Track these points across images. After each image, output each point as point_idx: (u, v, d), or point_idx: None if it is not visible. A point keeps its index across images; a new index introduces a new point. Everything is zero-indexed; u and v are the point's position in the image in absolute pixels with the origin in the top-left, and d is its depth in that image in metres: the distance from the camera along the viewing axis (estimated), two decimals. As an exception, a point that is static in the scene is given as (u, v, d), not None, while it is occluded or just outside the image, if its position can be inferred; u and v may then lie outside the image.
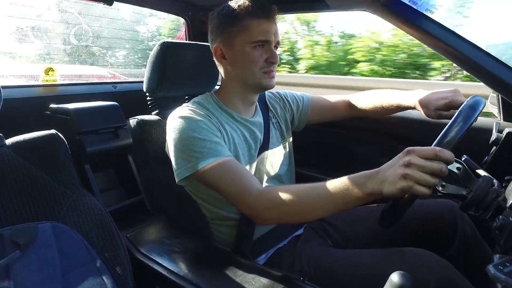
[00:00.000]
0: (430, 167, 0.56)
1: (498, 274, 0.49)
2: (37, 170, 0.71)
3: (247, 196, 0.76)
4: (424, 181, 0.56)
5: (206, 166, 0.79)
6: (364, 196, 0.63)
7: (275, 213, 0.74)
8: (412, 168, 0.57)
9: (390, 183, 0.59)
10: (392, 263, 0.74)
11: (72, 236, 0.67)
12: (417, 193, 0.57)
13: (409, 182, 0.56)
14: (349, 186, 0.64)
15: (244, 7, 0.87)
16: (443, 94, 0.90)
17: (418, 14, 0.88)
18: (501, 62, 0.81)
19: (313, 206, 0.70)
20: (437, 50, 0.91)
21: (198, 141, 0.81)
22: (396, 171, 0.58)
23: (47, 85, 1.24)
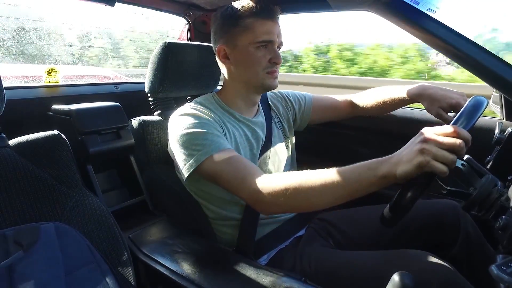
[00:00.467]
0: (448, 142, 0.54)
1: (501, 275, 0.49)
2: (40, 171, 0.71)
3: (251, 183, 0.72)
4: (442, 157, 0.53)
5: (209, 158, 0.78)
6: (377, 180, 0.60)
7: (282, 199, 0.68)
8: (430, 143, 0.55)
9: (405, 162, 0.56)
10: (394, 265, 0.73)
11: (74, 236, 0.67)
12: (434, 170, 0.54)
13: (426, 157, 0.54)
14: (361, 170, 0.62)
15: (248, 8, 0.87)
16: (451, 94, 0.90)
17: (420, 14, 0.88)
18: (504, 61, 0.81)
19: (322, 191, 0.65)
20: (439, 50, 0.91)
21: (200, 134, 0.81)
22: (412, 149, 0.56)
23: (50, 86, 1.24)
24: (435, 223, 0.91)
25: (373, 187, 0.61)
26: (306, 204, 0.69)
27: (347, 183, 0.63)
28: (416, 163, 0.55)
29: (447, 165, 0.54)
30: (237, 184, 0.75)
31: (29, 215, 0.67)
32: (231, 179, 0.76)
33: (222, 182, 0.78)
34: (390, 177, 0.58)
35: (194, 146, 0.80)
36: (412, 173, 0.55)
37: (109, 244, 0.73)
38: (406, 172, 0.56)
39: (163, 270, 0.76)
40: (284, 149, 1.05)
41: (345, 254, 0.86)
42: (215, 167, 0.78)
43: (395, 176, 0.57)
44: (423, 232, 0.91)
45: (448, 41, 0.86)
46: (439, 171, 0.53)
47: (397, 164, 0.57)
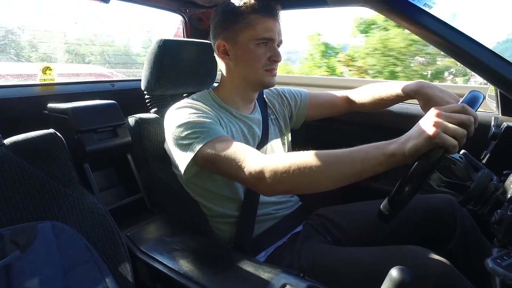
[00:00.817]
0: (459, 117, 0.55)
1: (497, 268, 0.49)
2: (36, 170, 0.71)
3: (252, 161, 0.70)
4: (453, 130, 0.54)
5: (207, 143, 0.77)
6: (385, 159, 0.58)
7: (285, 177, 0.65)
8: (440, 117, 0.55)
9: (415, 137, 0.56)
10: (391, 261, 0.73)
11: (72, 235, 0.67)
12: (445, 142, 0.53)
13: (437, 128, 0.54)
14: (369, 149, 0.60)
15: (249, 5, 0.87)
16: (448, 97, 0.89)
17: (416, 9, 0.88)
18: (500, 56, 0.81)
19: (327, 169, 0.62)
20: (435, 45, 0.91)
21: (197, 123, 0.81)
22: (421, 125, 0.56)
23: (45, 84, 1.23)
24: (432, 218, 0.91)
25: (380, 167, 0.60)
26: (311, 183, 0.66)
27: (354, 161, 0.61)
28: (427, 135, 0.54)
29: (457, 139, 0.54)
30: (238, 165, 0.72)
31: (26, 214, 0.67)
32: (232, 160, 0.73)
33: (222, 165, 0.75)
34: (399, 154, 0.57)
35: (192, 134, 0.80)
36: (422, 147, 0.55)
37: (107, 243, 0.73)
38: (416, 146, 0.55)
39: (162, 267, 0.76)
40: (280, 146, 1.05)
41: (343, 250, 0.87)
42: (215, 151, 0.76)
43: (403, 153, 0.57)
44: (420, 227, 0.92)
45: (444, 36, 0.86)
46: (449, 144, 0.53)
47: (406, 141, 0.57)
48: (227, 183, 0.89)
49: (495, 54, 0.81)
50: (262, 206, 0.93)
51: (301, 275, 0.69)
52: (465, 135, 0.54)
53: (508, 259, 0.51)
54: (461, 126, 0.54)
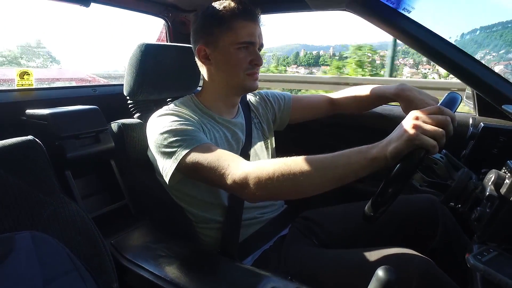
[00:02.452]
0: (436, 118, 0.56)
1: (477, 264, 0.51)
2: (14, 178, 0.69)
3: (235, 169, 0.70)
4: (432, 130, 0.55)
5: (190, 152, 0.76)
6: (367, 163, 0.59)
7: (269, 183, 0.65)
8: (419, 120, 0.57)
9: (395, 140, 0.57)
10: (377, 261, 0.75)
11: (53, 245, 0.65)
12: (424, 143, 0.55)
13: (416, 131, 0.55)
14: (351, 154, 0.62)
15: (229, 9, 0.87)
16: (428, 99, 0.92)
17: (395, 13, 0.90)
18: (476, 59, 0.84)
19: (311, 175, 0.63)
20: (414, 48, 0.93)
21: (179, 131, 0.80)
22: (401, 128, 0.58)
23: (23, 90, 1.19)
24: (415, 218, 0.93)
25: (363, 171, 0.61)
26: (295, 189, 0.67)
27: (336, 166, 0.62)
28: (406, 138, 0.56)
29: (436, 139, 0.55)
30: (221, 172, 0.72)
31: (3, 225, 0.64)
32: (214, 168, 0.73)
33: (206, 173, 0.74)
34: (381, 158, 0.58)
35: (174, 142, 0.79)
36: (403, 149, 0.56)
37: (91, 252, 0.71)
38: (397, 148, 0.56)
39: (147, 275, 0.75)
40: (264, 150, 1.05)
41: (329, 252, 0.88)
42: (198, 159, 0.75)
43: (385, 156, 0.58)
44: (404, 227, 0.94)
45: (422, 40, 0.88)
46: (429, 144, 0.55)
47: (387, 145, 0.58)
48: (210, 189, 0.89)
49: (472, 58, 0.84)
50: (247, 211, 0.92)
51: (288, 278, 0.69)
52: (443, 135, 0.56)
53: (487, 255, 0.53)
54: (439, 127, 0.56)
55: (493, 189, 0.57)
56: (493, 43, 3.04)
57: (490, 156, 0.84)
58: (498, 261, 0.52)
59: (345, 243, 0.92)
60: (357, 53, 5.97)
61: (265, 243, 0.95)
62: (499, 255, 0.53)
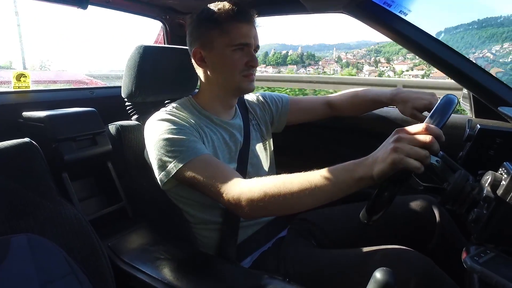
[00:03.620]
0: (419, 139, 0.56)
1: (474, 265, 0.51)
2: (10, 181, 0.68)
3: (230, 189, 0.73)
4: (415, 153, 0.55)
5: (186, 164, 0.77)
6: (355, 183, 0.61)
7: (261, 205, 0.69)
8: (402, 142, 0.56)
9: (380, 161, 0.57)
10: (375, 262, 0.75)
11: (50, 248, 0.64)
12: (408, 166, 0.55)
13: (399, 154, 0.55)
14: (338, 174, 0.63)
15: (224, 11, 0.87)
16: (423, 95, 0.94)
17: (392, 16, 0.91)
18: (472, 62, 0.85)
19: (301, 195, 0.66)
20: (411, 50, 0.94)
21: (176, 141, 0.80)
22: (386, 148, 0.58)
23: (20, 92, 1.19)
24: (413, 219, 0.93)
25: (351, 189, 0.63)
26: (286, 208, 0.70)
27: (325, 187, 0.64)
28: (390, 161, 0.56)
29: (421, 161, 0.55)
30: (216, 190, 0.75)
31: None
32: (209, 185, 0.75)
33: (201, 188, 0.77)
34: (367, 178, 0.60)
35: (171, 153, 0.79)
36: (388, 172, 0.57)
37: (88, 254, 0.71)
38: (382, 171, 0.57)
39: (145, 278, 0.75)
40: (263, 151, 1.06)
41: (327, 253, 0.88)
42: (193, 173, 0.77)
43: (371, 176, 0.59)
44: (402, 228, 0.94)
45: (419, 42, 0.89)
46: (413, 167, 0.55)
47: (373, 164, 0.59)
48: None
49: (468, 60, 0.85)
50: None
51: (286, 280, 0.69)
52: (427, 156, 0.56)
53: (484, 256, 0.53)
54: (423, 147, 0.56)
55: (490, 190, 0.58)
56: (455, 45, 3.11)
57: (486, 158, 0.84)
58: (495, 263, 0.52)
59: (343, 244, 0.92)
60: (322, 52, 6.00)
61: (263, 245, 0.95)
62: (496, 257, 0.53)
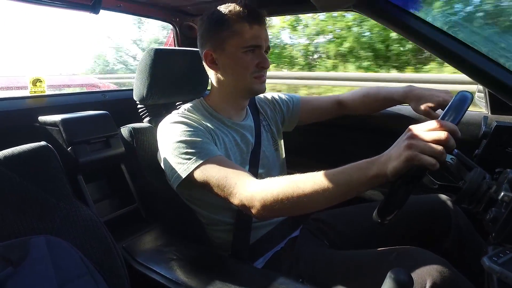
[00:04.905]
0: (433, 135, 0.55)
1: (493, 265, 0.50)
2: (28, 184, 0.70)
3: (243, 189, 0.73)
4: (430, 149, 0.54)
5: (200, 166, 0.78)
6: (368, 181, 0.60)
7: (274, 205, 0.69)
8: (416, 139, 0.56)
9: (394, 159, 0.57)
10: (389, 262, 0.74)
11: (66, 249, 0.66)
12: (423, 163, 0.54)
13: (414, 151, 0.54)
14: (352, 172, 0.62)
15: (235, 12, 0.87)
16: (437, 92, 0.92)
17: (404, 12, 0.90)
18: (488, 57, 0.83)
19: (314, 195, 0.65)
20: (423, 47, 0.92)
21: (189, 143, 0.81)
22: (400, 145, 0.57)
23: (35, 97, 1.22)
24: (427, 218, 0.92)
25: (364, 188, 0.62)
26: (299, 209, 0.70)
27: (338, 186, 0.63)
28: (404, 158, 0.55)
29: (436, 157, 0.54)
30: (228, 191, 0.75)
31: (18, 229, 0.65)
32: (222, 186, 0.76)
33: (214, 189, 0.78)
34: (381, 176, 0.59)
35: (184, 155, 0.80)
36: (402, 169, 0.56)
37: (103, 255, 0.72)
38: (396, 168, 0.56)
39: (159, 278, 0.76)
40: (274, 152, 1.05)
41: (340, 253, 0.87)
42: (206, 175, 0.78)
43: (385, 174, 0.58)
44: (416, 227, 0.92)
45: (432, 38, 0.87)
46: (428, 164, 0.54)
47: (387, 162, 0.58)
48: None
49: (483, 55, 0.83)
50: None
51: (300, 280, 0.69)
52: (443, 152, 0.55)
53: (503, 256, 0.52)
54: (438, 144, 0.55)
55: (508, 189, 0.56)
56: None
57: (504, 155, 0.82)
58: None
59: (356, 244, 0.91)
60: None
61: (276, 245, 0.95)
62: (516, 257, 0.52)
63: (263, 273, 0.74)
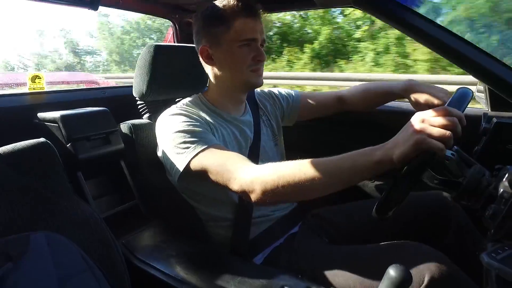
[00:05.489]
0: (442, 120, 0.55)
1: (492, 262, 0.50)
2: (28, 180, 0.70)
3: (242, 174, 0.71)
4: (438, 133, 0.54)
5: (199, 154, 0.78)
6: (372, 166, 0.59)
7: (275, 189, 0.66)
8: (424, 123, 0.56)
9: (402, 144, 0.56)
10: (389, 258, 0.74)
11: (66, 245, 0.66)
12: (431, 146, 0.54)
13: (422, 135, 0.54)
14: (356, 157, 0.61)
15: (229, 7, 0.86)
16: (436, 92, 0.92)
17: (404, 9, 0.89)
18: (488, 53, 0.82)
19: (316, 180, 0.63)
20: (423, 43, 0.92)
21: (188, 132, 0.81)
22: (408, 131, 0.57)
23: (35, 93, 1.22)
24: (427, 215, 0.92)
25: (368, 173, 0.61)
26: (300, 193, 0.68)
27: (341, 171, 0.62)
28: (413, 142, 0.55)
29: (444, 142, 0.54)
30: (228, 177, 0.73)
31: (18, 225, 0.65)
32: (221, 172, 0.74)
33: (213, 177, 0.76)
34: (386, 161, 0.58)
35: (183, 144, 0.80)
36: (410, 153, 0.55)
37: (103, 251, 0.72)
38: (404, 153, 0.56)
39: (159, 274, 0.76)
40: (273, 147, 1.05)
41: (340, 249, 0.87)
42: (205, 161, 0.77)
43: (391, 159, 0.57)
44: (415, 224, 0.93)
45: (433, 35, 0.87)
46: (436, 148, 0.54)
47: (393, 147, 0.57)
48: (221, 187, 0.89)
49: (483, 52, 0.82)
50: (257, 208, 0.92)
51: (299, 276, 0.69)
52: (451, 137, 0.55)
53: (502, 252, 0.52)
54: (447, 129, 0.55)
55: (507, 185, 0.56)
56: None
57: (503, 152, 0.82)
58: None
59: (356, 240, 0.91)
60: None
61: (275, 241, 0.95)
62: (514, 253, 0.52)
63: (262, 269, 0.74)
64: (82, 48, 12.60)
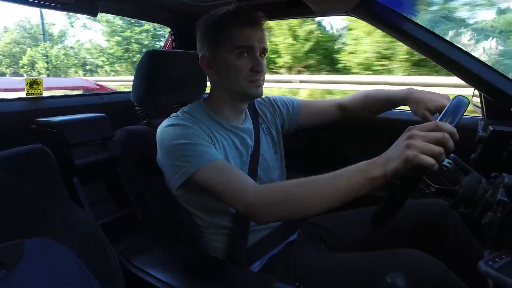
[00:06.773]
0: (433, 136, 0.56)
1: (489, 270, 0.50)
2: (24, 186, 0.69)
3: (244, 193, 0.73)
4: (429, 149, 0.55)
5: (199, 169, 0.77)
6: (368, 182, 0.61)
7: (276, 209, 0.70)
8: (415, 139, 0.56)
9: (394, 159, 0.57)
10: (387, 265, 0.74)
11: (62, 252, 0.65)
12: (422, 163, 0.54)
13: (413, 151, 0.55)
14: (351, 174, 0.63)
15: (227, 16, 0.87)
16: (436, 97, 0.92)
17: (400, 17, 0.90)
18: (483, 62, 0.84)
19: (315, 198, 0.67)
20: (421, 52, 0.93)
21: (189, 146, 0.80)
22: (400, 146, 0.58)
23: (32, 99, 1.21)
24: (425, 223, 0.92)
25: (364, 190, 0.62)
26: (300, 213, 0.71)
27: (338, 189, 0.64)
28: (404, 158, 0.56)
29: (435, 157, 0.55)
30: (230, 196, 0.75)
31: (12, 232, 0.65)
32: (223, 191, 0.76)
33: (215, 193, 0.77)
34: (380, 177, 0.59)
35: (184, 157, 0.79)
36: (402, 169, 0.56)
37: (98, 259, 0.71)
38: (396, 168, 0.57)
39: (155, 282, 0.75)
40: (273, 155, 1.05)
41: (338, 257, 0.87)
42: (207, 179, 0.77)
43: (385, 175, 0.58)
44: (413, 232, 0.92)
45: (428, 43, 0.88)
46: (427, 164, 0.54)
47: (386, 163, 0.58)
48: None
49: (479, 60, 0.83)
50: None
51: (296, 284, 0.69)
52: (442, 152, 0.55)
53: (499, 261, 0.52)
54: (438, 144, 0.55)
55: (504, 193, 0.56)
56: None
57: (499, 160, 0.82)
58: (511, 268, 0.51)
59: (353, 248, 0.91)
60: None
61: (273, 249, 0.94)
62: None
63: (260, 277, 0.73)
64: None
